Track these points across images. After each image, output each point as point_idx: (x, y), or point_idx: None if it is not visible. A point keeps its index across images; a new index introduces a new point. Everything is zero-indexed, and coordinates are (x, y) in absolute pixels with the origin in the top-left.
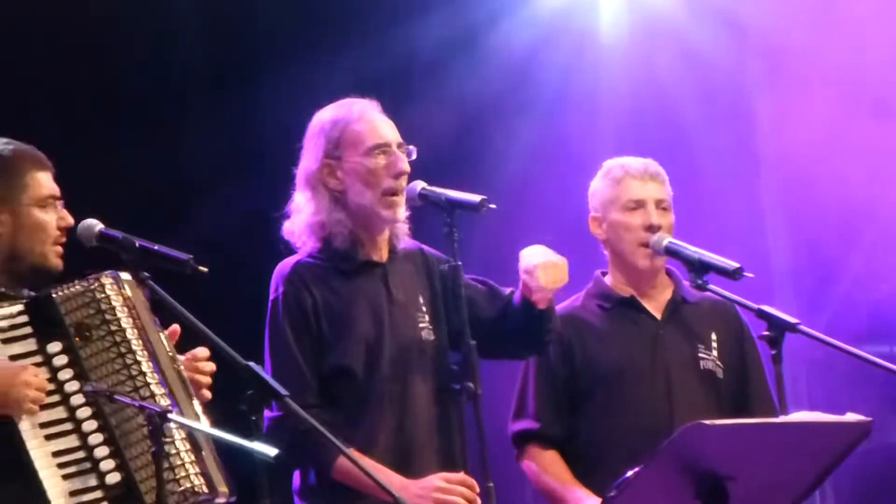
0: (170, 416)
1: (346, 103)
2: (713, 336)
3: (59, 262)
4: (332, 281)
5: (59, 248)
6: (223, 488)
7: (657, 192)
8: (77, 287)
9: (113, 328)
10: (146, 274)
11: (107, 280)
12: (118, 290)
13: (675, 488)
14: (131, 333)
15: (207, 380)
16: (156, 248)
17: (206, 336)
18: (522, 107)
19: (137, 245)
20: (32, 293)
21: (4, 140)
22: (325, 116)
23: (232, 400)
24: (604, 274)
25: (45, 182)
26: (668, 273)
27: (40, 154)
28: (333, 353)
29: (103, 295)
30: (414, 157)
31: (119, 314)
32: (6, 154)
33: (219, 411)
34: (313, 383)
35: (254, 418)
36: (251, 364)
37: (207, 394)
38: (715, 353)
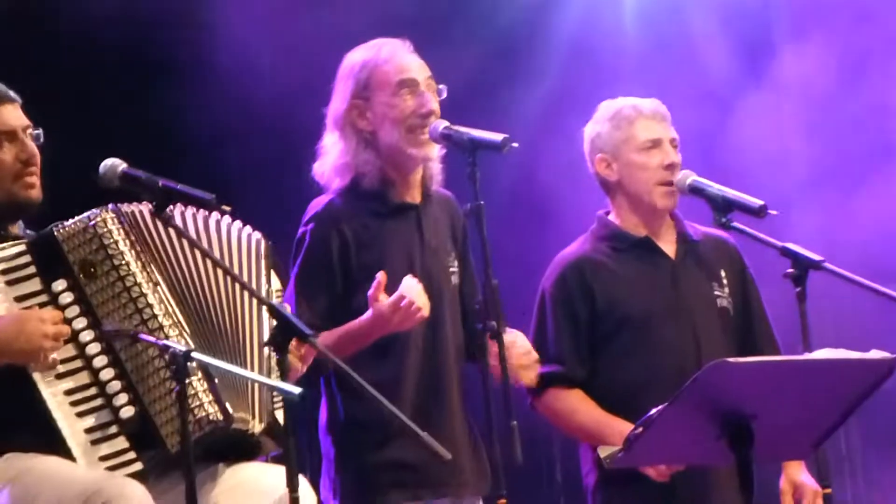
0: (192, 355)
1: (376, 44)
2: (722, 273)
3: (32, 194)
4: (364, 220)
5: (29, 180)
6: (240, 414)
7: (669, 130)
8: (78, 224)
9: (116, 262)
10: (169, 213)
11: (108, 215)
12: (119, 224)
13: (699, 427)
14: (136, 266)
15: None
16: (178, 187)
17: (229, 274)
18: (546, 48)
19: (160, 184)
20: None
21: None
22: (354, 57)
23: None
24: (607, 214)
25: None
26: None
27: (2, 88)
28: (362, 293)
29: (105, 230)
30: (444, 95)
31: (122, 247)
32: None
33: None
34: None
35: (278, 357)
36: (274, 303)
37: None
38: (726, 290)
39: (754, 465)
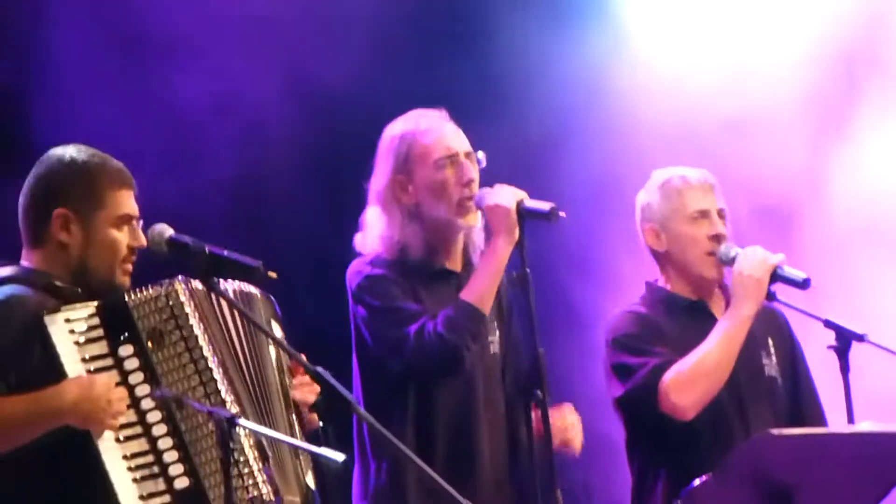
0: (238, 421)
1: (414, 116)
2: (770, 342)
3: (126, 281)
4: (414, 286)
5: (128, 267)
6: (291, 496)
7: (717, 201)
8: (150, 292)
9: (185, 334)
10: (216, 279)
11: (179, 286)
12: (190, 296)
13: (742, 497)
14: (203, 340)
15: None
16: (225, 253)
17: (274, 341)
18: (595, 118)
19: (207, 251)
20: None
21: (92, 151)
22: (393, 131)
23: None
24: (655, 282)
25: (123, 201)
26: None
27: (126, 172)
28: None
29: (176, 300)
30: (484, 164)
31: (191, 320)
32: (90, 167)
33: None
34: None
35: (322, 424)
36: (319, 369)
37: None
38: (774, 359)
39: None
